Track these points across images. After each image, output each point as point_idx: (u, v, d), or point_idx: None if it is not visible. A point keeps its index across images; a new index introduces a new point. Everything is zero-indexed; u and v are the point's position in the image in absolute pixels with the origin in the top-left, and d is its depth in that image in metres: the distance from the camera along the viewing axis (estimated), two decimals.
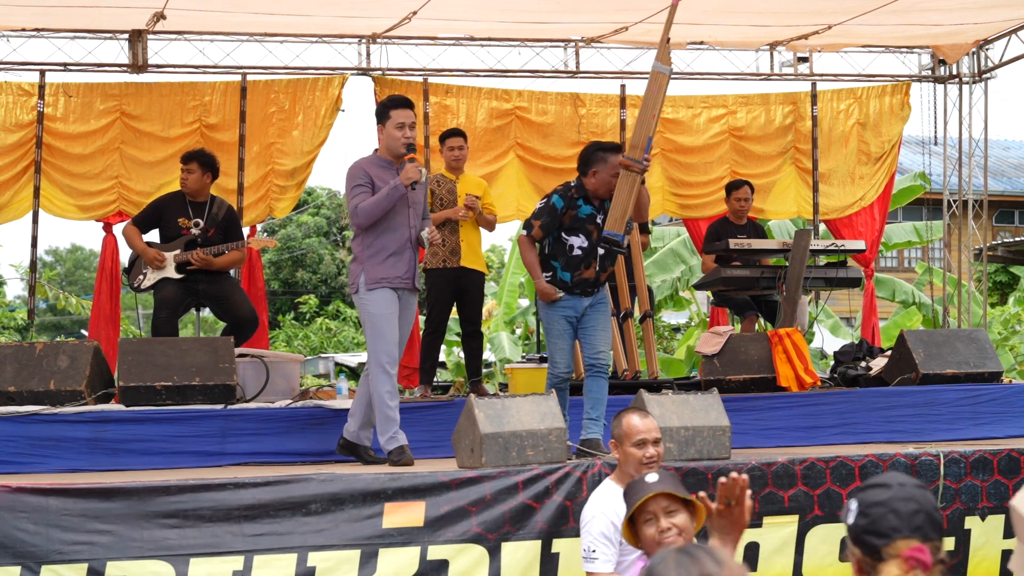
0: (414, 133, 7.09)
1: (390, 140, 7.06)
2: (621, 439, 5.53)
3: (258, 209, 10.64)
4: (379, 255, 7.01)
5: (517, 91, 11.14)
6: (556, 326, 7.29)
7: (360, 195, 6.98)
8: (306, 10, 9.69)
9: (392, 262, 7.02)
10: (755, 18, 10.31)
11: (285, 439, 7.47)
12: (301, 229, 35.44)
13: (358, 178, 7.03)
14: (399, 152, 7.04)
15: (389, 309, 7.00)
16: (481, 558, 6.32)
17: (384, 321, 6.99)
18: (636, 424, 5.53)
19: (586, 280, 7.29)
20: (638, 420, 5.55)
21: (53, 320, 37.97)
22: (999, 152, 32.70)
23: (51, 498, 5.90)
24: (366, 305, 7.03)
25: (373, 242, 7.03)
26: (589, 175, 7.31)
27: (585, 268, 7.28)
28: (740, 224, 10.29)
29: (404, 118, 7.03)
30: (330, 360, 24.78)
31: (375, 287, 6.99)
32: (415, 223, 7.12)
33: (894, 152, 11.84)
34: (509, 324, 20.12)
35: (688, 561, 2.43)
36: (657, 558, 2.48)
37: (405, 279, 7.07)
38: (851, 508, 2.93)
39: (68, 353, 7.62)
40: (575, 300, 7.29)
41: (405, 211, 7.05)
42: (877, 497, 2.90)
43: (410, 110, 7.10)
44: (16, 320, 24.27)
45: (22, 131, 10.15)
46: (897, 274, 24.13)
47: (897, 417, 8.58)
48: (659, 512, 4.42)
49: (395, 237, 7.03)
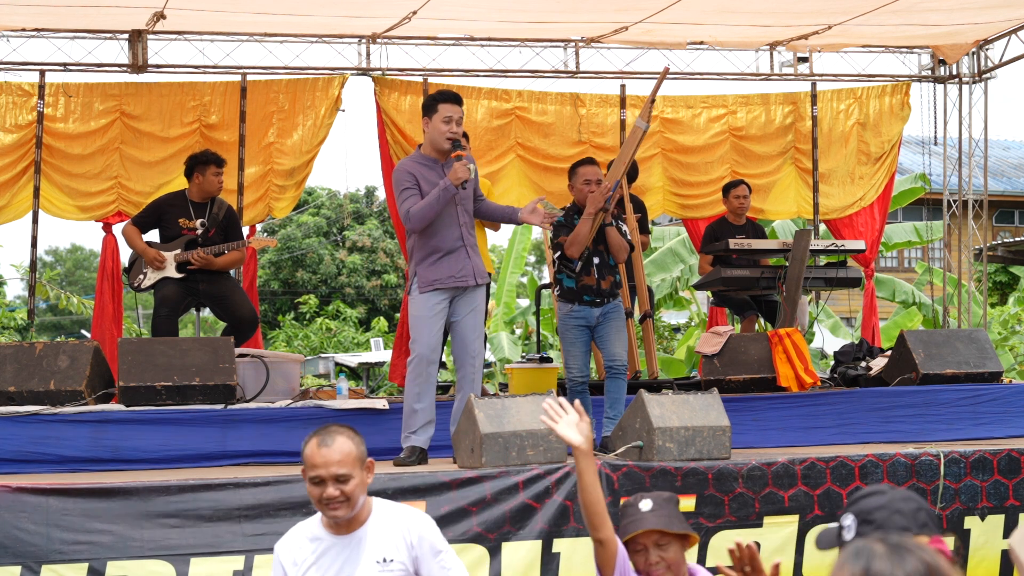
0: (460, 129, 7.06)
1: (435, 133, 7.04)
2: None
3: (257, 209, 10.64)
4: (431, 256, 7.03)
5: (517, 91, 11.14)
6: (569, 334, 7.77)
7: (410, 198, 6.97)
8: (306, 10, 9.69)
9: (445, 262, 7.03)
10: (755, 18, 10.30)
11: (285, 439, 7.46)
12: (301, 229, 35.43)
13: (404, 181, 7.02)
14: (443, 147, 7.02)
15: (432, 312, 7.02)
16: (482, 558, 6.32)
17: (423, 324, 7.03)
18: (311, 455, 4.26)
19: (588, 287, 7.74)
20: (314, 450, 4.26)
21: (53, 320, 37.96)
22: (999, 152, 32.70)
23: (51, 498, 5.90)
24: (412, 306, 7.10)
25: (426, 243, 7.04)
26: (569, 189, 8.01)
27: (586, 276, 7.74)
28: (739, 224, 10.29)
29: (452, 112, 7.01)
30: (330, 360, 24.76)
31: (427, 290, 7.02)
32: (465, 220, 7.11)
33: (894, 152, 11.84)
34: (509, 324, 20.12)
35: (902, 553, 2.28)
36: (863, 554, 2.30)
37: (460, 277, 7.05)
38: (847, 524, 2.85)
39: (68, 353, 7.62)
40: (585, 310, 7.76)
41: (453, 209, 7.04)
42: (875, 503, 2.87)
43: (458, 105, 7.07)
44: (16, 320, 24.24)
45: (22, 131, 10.15)
46: (897, 274, 24.14)
47: (897, 417, 8.58)
48: (649, 545, 4.34)
49: (446, 236, 7.04)
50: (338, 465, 4.14)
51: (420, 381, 7.00)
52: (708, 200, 11.41)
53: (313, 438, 4.23)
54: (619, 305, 7.89)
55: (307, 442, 4.24)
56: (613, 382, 7.70)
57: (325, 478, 4.14)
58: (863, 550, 2.27)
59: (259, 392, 7.92)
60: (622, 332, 7.85)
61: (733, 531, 6.63)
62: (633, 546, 4.36)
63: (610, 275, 7.80)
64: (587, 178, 7.80)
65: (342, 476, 4.14)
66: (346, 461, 4.15)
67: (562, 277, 7.81)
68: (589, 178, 7.79)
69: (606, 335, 7.76)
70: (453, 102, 7.06)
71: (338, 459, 4.15)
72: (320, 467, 4.15)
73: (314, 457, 4.18)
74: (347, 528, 4.24)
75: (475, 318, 7.17)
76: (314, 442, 4.21)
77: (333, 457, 4.15)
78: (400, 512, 4.33)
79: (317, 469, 4.16)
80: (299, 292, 33.89)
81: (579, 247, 7.71)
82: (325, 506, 4.17)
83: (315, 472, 4.17)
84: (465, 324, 7.12)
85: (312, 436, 4.24)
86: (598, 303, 7.76)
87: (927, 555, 2.26)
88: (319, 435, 4.22)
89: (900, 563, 2.23)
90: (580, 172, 7.88)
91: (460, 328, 7.13)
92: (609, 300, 7.80)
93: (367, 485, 4.25)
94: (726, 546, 6.58)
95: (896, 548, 2.26)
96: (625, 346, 7.87)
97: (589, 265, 7.75)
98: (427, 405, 7.03)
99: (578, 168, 7.94)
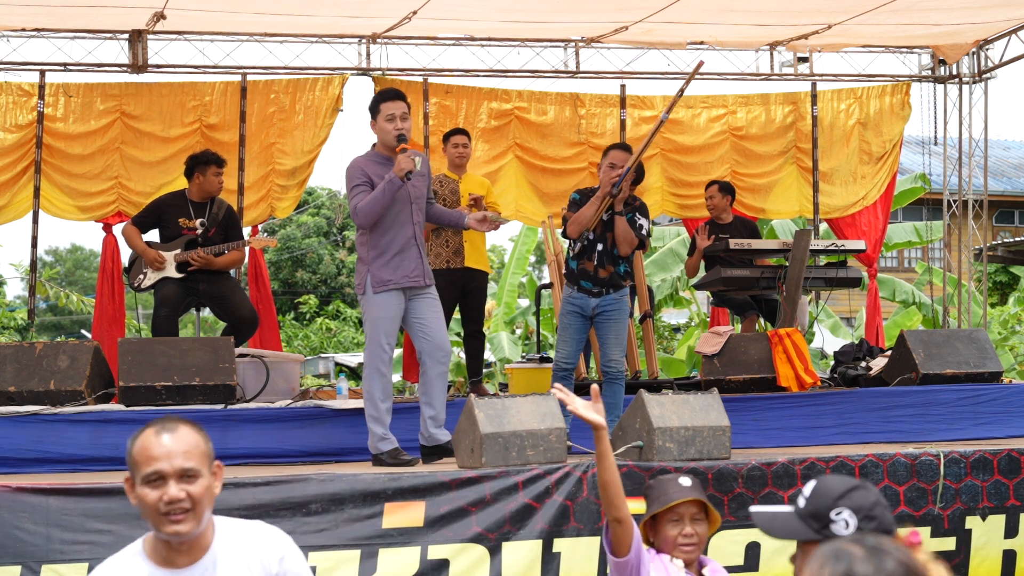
0: (406, 124, 6.93)
1: (382, 134, 6.97)
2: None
3: (259, 209, 10.64)
4: (384, 255, 6.92)
5: (517, 91, 11.14)
6: (563, 319, 7.77)
7: (359, 195, 6.88)
8: (306, 10, 9.69)
9: (397, 262, 6.92)
10: (755, 18, 10.30)
11: (285, 439, 7.47)
12: (301, 229, 35.45)
13: (356, 177, 6.93)
14: (392, 145, 6.90)
15: (390, 313, 6.93)
16: (482, 558, 6.31)
17: (383, 325, 6.94)
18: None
19: (586, 271, 7.68)
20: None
21: (53, 320, 37.97)
22: (999, 152, 32.69)
23: (51, 498, 5.90)
24: (368, 307, 6.99)
25: (377, 242, 6.94)
26: (597, 170, 7.90)
27: (587, 260, 7.69)
28: (725, 223, 10.27)
29: (394, 109, 6.90)
30: (330, 360, 24.78)
31: (380, 290, 6.92)
32: (419, 219, 7.03)
33: (895, 152, 11.85)
34: (509, 324, 20.13)
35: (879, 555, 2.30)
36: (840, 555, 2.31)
37: (413, 277, 6.95)
38: (847, 519, 2.83)
39: (68, 353, 7.62)
40: (583, 298, 7.71)
41: (408, 207, 6.95)
42: (869, 498, 2.86)
43: (400, 101, 6.95)
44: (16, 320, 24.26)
45: (22, 131, 10.15)
46: (897, 274, 24.14)
47: (897, 417, 8.58)
48: (687, 517, 4.41)
49: (399, 235, 6.93)
50: (184, 457, 3.16)
51: (385, 382, 6.96)
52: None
53: (146, 429, 3.22)
54: (621, 303, 7.75)
55: (137, 435, 3.22)
56: (609, 387, 7.61)
57: (167, 474, 3.13)
58: (842, 553, 2.30)
59: (259, 392, 7.93)
60: (622, 335, 7.76)
61: (733, 531, 6.63)
62: (670, 516, 4.41)
63: (611, 264, 7.65)
64: (612, 162, 7.66)
65: (189, 472, 3.15)
66: (193, 453, 3.17)
67: (568, 259, 7.82)
68: (615, 162, 7.64)
69: (604, 336, 7.70)
70: (395, 99, 6.95)
71: (184, 449, 3.17)
72: (161, 459, 3.14)
73: (151, 447, 3.16)
74: (188, 556, 3.23)
75: (435, 319, 7.04)
76: (149, 432, 3.20)
77: (177, 448, 3.16)
78: (250, 530, 3.39)
79: (156, 462, 3.14)
80: (299, 292, 33.93)
81: (579, 227, 7.61)
82: (164, 517, 3.14)
83: (153, 467, 3.15)
84: (435, 325, 7.01)
85: (143, 428, 3.23)
86: (595, 292, 7.66)
87: (903, 555, 2.30)
88: (154, 425, 3.22)
89: (880, 564, 2.27)
90: (610, 155, 7.73)
91: (429, 328, 7.00)
92: (608, 292, 7.67)
93: (215, 496, 3.26)
94: (725, 546, 6.62)
95: (874, 549, 2.30)
96: (623, 350, 7.80)
97: (592, 250, 7.68)
98: (388, 405, 7.00)
99: (609, 151, 7.78)
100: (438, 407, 7.07)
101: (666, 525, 4.41)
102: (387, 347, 6.96)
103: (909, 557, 2.31)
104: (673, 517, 4.41)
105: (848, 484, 2.86)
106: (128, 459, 3.20)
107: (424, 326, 7.01)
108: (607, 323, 7.70)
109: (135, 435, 3.22)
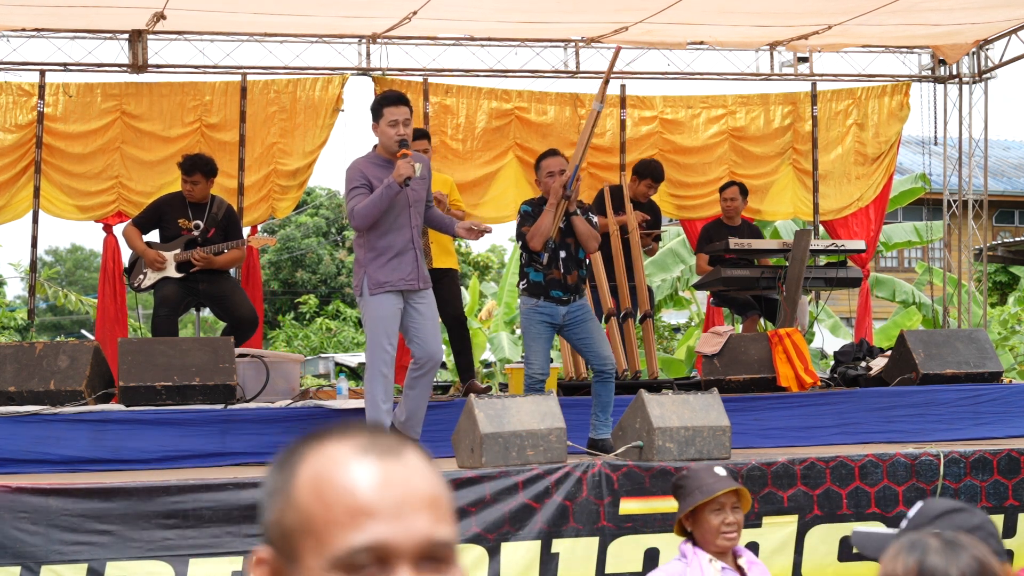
0: (408, 130, 6.94)
1: (384, 138, 6.96)
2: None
3: (260, 209, 10.64)
4: (381, 257, 6.93)
5: (517, 91, 11.13)
6: (532, 329, 7.51)
7: (357, 197, 6.88)
8: (306, 10, 9.69)
9: (395, 264, 6.93)
10: (755, 18, 10.31)
11: (285, 439, 7.41)
12: (300, 229, 35.44)
13: (355, 179, 6.93)
14: (393, 150, 6.89)
15: (389, 312, 6.95)
16: (481, 558, 6.32)
17: (383, 325, 6.94)
18: None
19: (555, 280, 7.47)
20: None
21: (53, 320, 37.97)
22: (999, 152, 32.69)
23: (51, 498, 5.91)
24: (367, 309, 7.00)
25: (375, 244, 6.94)
26: (536, 183, 7.79)
27: (555, 269, 7.50)
28: (734, 225, 10.28)
29: (398, 115, 6.89)
30: (330, 360, 24.77)
31: (377, 292, 6.93)
32: (417, 223, 7.04)
33: (892, 153, 11.83)
34: (509, 324, 20.11)
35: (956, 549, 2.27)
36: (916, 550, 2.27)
37: (410, 280, 6.96)
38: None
39: (68, 353, 7.62)
40: (551, 307, 7.48)
41: (406, 210, 6.96)
42: (971, 521, 2.66)
43: (404, 106, 6.95)
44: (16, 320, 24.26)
45: (22, 131, 10.15)
46: (897, 274, 24.13)
47: (897, 417, 8.58)
48: (728, 506, 4.48)
49: (397, 238, 6.94)
50: (430, 514, 1.51)
51: (387, 383, 6.97)
52: (705, 201, 11.39)
53: (326, 443, 1.66)
54: (586, 304, 7.65)
55: (300, 459, 1.68)
56: (604, 386, 7.45)
57: (395, 551, 1.49)
58: (918, 543, 2.28)
59: (259, 392, 7.93)
60: (601, 331, 7.70)
61: None
62: (711, 507, 4.46)
63: (576, 269, 7.54)
64: (550, 170, 7.53)
65: (439, 549, 1.51)
66: (442, 506, 1.55)
67: (529, 271, 7.53)
68: (552, 170, 7.52)
69: (587, 337, 7.53)
70: (399, 104, 6.95)
71: (427, 495, 1.53)
72: (383, 514, 1.51)
73: (358, 488, 1.53)
74: None
75: (430, 322, 7.08)
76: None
77: (414, 492, 1.48)
78: None
79: (372, 522, 1.50)
80: (299, 292, 33.92)
81: (541, 238, 7.48)
82: None
83: (366, 533, 1.49)
84: (428, 331, 7.04)
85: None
86: (565, 300, 7.49)
87: (980, 552, 2.27)
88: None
89: (954, 559, 2.24)
90: (544, 165, 7.62)
91: (423, 333, 7.03)
92: (575, 298, 7.56)
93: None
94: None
95: (950, 543, 2.27)
96: (608, 344, 7.69)
97: (556, 259, 7.51)
98: (389, 407, 7.00)
99: (542, 161, 7.65)
100: (412, 407, 7.09)
101: (708, 515, 4.47)
102: (389, 347, 6.97)
103: (985, 555, 2.27)
104: (715, 507, 4.47)
105: (950, 506, 2.75)
106: (278, 513, 1.58)
107: (418, 331, 7.04)
108: (584, 324, 7.54)
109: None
